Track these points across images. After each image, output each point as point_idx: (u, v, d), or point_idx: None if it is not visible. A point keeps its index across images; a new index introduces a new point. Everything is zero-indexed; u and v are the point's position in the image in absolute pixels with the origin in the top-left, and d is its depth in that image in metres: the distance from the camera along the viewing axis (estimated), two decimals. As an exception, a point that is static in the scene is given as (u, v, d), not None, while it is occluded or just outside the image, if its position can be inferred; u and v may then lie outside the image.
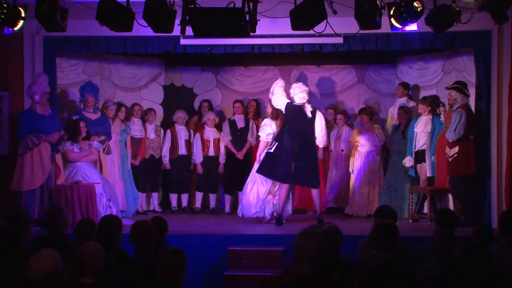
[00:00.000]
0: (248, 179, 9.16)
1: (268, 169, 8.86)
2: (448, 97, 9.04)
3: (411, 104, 10.19)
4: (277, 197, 8.92)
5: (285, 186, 8.81)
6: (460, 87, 8.89)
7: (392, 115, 10.37)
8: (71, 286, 4.08)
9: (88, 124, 9.25)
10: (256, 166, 9.09)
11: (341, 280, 4.37)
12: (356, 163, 10.01)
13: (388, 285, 3.60)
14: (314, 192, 8.94)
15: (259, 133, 9.29)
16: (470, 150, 8.74)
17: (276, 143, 8.87)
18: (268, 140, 9.04)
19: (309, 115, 8.87)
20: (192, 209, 10.69)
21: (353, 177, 10.07)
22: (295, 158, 8.73)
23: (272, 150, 8.85)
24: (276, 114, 9.15)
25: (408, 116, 9.90)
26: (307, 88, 9.06)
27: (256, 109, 10.90)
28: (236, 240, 7.87)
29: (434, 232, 5.51)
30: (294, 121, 8.84)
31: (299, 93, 8.91)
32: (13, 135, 8.91)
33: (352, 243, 5.62)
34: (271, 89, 9.14)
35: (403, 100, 10.22)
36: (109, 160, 9.80)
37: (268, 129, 9.08)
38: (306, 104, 8.91)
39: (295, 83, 9.20)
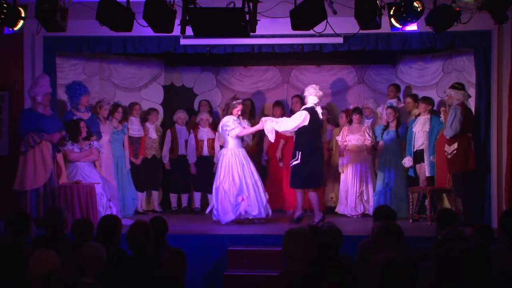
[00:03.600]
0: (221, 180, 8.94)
1: (301, 180, 8.75)
2: (447, 98, 9.09)
3: (401, 105, 10.23)
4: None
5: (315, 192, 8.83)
6: (455, 85, 8.96)
7: (380, 115, 10.39)
8: (71, 286, 4.08)
9: None
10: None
11: (341, 280, 4.36)
12: (346, 163, 10.02)
13: (392, 284, 3.60)
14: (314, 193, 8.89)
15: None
16: (469, 147, 8.76)
17: (300, 152, 8.69)
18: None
19: (321, 116, 8.97)
20: (192, 209, 10.69)
21: (342, 176, 10.07)
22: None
23: (299, 161, 8.68)
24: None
25: (397, 115, 9.92)
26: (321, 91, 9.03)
27: (251, 109, 10.87)
28: (236, 240, 7.87)
29: (436, 232, 5.51)
30: (312, 124, 8.76)
31: (316, 95, 8.83)
32: (13, 135, 8.92)
33: (352, 243, 5.61)
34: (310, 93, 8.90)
35: (393, 101, 10.25)
36: (104, 160, 9.77)
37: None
38: (318, 107, 8.92)
39: (310, 85, 9.05)
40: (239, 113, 9.16)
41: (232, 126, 8.93)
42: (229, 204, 8.85)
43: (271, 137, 8.85)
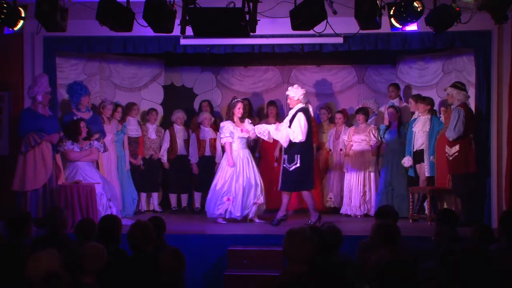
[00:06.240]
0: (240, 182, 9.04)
1: (298, 183, 8.68)
2: (447, 97, 9.07)
3: (403, 104, 10.22)
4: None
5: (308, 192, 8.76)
6: (457, 84, 8.95)
7: (382, 115, 10.39)
8: (71, 286, 4.08)
9: None
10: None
11: (340, 279, 4.36)
12: (350, 163, 10.02)
13: (391, 284, 3.61)
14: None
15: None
16: (470, 149, 8.76)
17: (299, 155, 8.58)
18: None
19: (312, 115, 8.97)
20: (192, 209, 10.69)
21: (347, 176, 10.07)
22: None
23: (298, 164, 8.56)
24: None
25: (399, 115, 9.92)
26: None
27: (250, 109, 10.85)
28: (236, 240, 7.87)
29: (435, 232, 5.51)
30: (309, 125, 8.68)
31: (302, 95, 8.76)
32: (13, 135, 8.91)
33: (352, 243, 5.61)
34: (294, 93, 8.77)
35: (395, 101, 10.25)
36: (106, 160, 9.80)
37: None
38: (310, 106, 8.89)
39: (293, 86, 8.95)
40: (241, 111, 9.16)
41: (224, 135, 9.07)
42: (215, 202, 9.03)
43: (268, 138, 8.90)
